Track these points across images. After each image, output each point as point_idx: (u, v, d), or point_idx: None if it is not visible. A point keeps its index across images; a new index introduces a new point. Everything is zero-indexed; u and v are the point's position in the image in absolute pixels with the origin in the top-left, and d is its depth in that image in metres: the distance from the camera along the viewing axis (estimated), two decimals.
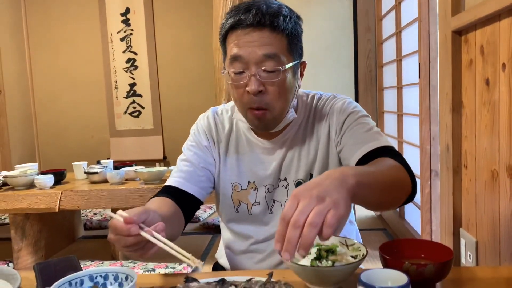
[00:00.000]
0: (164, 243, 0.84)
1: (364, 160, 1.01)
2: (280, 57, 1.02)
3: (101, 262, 2.65)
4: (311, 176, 1.13)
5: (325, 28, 3.84)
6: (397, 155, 0.99)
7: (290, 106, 1.10)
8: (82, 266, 0.99)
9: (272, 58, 1.01)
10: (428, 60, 2.28)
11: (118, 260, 2.67)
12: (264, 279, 0.84)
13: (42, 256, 2.72)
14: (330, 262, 0.91)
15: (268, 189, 1.16)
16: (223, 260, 1.28)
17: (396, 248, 0.96)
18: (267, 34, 1.00)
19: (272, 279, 0.84)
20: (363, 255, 0.91)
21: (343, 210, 0.69)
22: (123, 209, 0.89)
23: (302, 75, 1.13)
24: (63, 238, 3.15)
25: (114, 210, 2.69)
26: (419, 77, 2.39)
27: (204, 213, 3.81)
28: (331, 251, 0.95)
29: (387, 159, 0.96)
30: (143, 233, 0.82)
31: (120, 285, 0.91)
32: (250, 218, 1.18)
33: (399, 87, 3.06)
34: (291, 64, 1.04)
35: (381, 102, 3.69)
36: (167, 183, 1.17)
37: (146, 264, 2.54)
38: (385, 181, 0.86)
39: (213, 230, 3.41)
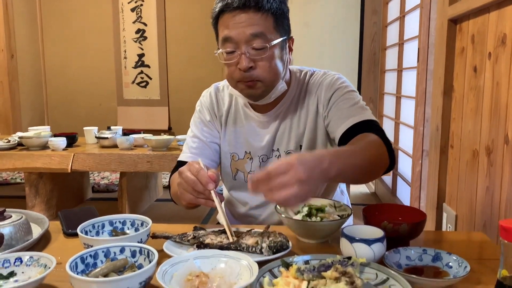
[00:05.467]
0: (221, 207, 0.97)
1: (347, 133, 1.09)
2: (267, 35, 1.09)
3: None
4: (300, 147, 1.24)
5: (333, 7, 3.86)
6: (378, 130, 1.09)
7: (280, 78, 1.16)
8: None
9: (259, 36, 1.08)
10: (427, 45, 2.37)
11: None
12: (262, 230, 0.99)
13: (53, 214, 2.87)
14: (318, 219, 1.05)
15: (262, 159, 1.27)
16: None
17: (378, 211, 1.11)
18: (253, 15, 1.08)
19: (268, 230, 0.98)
20: (348, 214, 1.06)
21: (304, 198, 0.79)
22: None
23: (291, 49, 1.20)
24: (73, 198, 3.31)
25: (123, 174, 2.84)
26: (418, 61, 2.48)
27: None
28: (320, 210, 1.09)
29: (368, 135, 1.04)
30: (212, 192, 0.94)
31: (136, 230, 1.04)
32: (246, 186, 1.28)
33: (400, 70, 3.11)
34: (278, 41, 1.11)
35: (382, 84, 3.73)
36: (180, 158, 1.26)
37: None
38: (362, 162, 0.93)
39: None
